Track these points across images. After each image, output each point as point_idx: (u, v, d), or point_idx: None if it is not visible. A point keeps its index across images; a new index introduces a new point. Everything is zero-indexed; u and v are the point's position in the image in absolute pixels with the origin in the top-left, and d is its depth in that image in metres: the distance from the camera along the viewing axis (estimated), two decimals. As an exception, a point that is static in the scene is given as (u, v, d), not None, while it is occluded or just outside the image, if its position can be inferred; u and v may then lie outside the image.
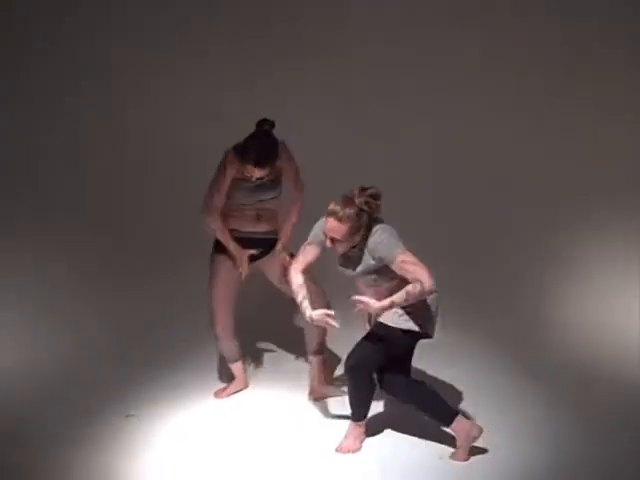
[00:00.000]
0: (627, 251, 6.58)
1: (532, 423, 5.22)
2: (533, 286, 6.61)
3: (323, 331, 5.40)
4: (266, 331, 6.18)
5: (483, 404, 5.37)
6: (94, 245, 6.99)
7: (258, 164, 5.08)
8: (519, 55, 7.18)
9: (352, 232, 4.68)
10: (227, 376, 5.68)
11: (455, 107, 7.22)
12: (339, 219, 4.66)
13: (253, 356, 5.93)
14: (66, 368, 5.77)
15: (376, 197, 4.72)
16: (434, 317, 4.89)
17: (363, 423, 4.99)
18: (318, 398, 5.47)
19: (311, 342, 5.46)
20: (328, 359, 5.55)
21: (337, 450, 4.97)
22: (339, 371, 5.66)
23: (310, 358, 5.50)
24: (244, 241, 5.30)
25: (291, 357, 5.92)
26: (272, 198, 5.34)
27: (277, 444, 5.02)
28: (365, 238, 4.74)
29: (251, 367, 5.80)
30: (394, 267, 4.67)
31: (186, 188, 7.42)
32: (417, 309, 4.79)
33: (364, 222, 4.71)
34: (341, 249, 4.77)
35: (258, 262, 5.40)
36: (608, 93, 6.94)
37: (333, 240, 4.71)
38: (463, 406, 5.36)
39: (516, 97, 7.16)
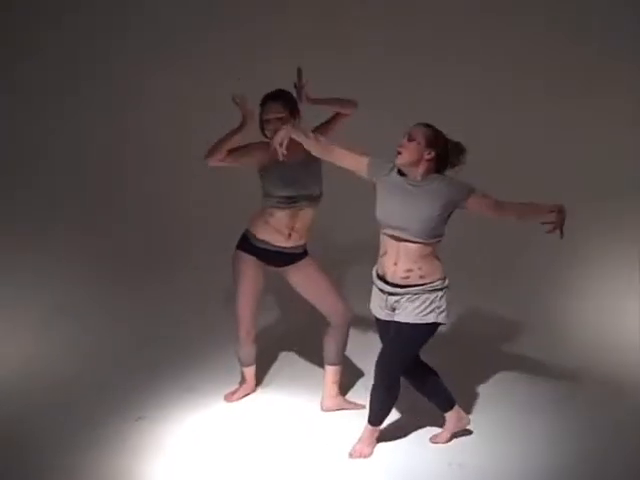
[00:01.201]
0: (628, 252, 6.61)
1: (534, 426, 5.22)
2: (536, 286, 6.63)
3: (343, 342, 5.34)
4: (285, 336, 6.15)
5: (483, 406, 5.39)
6: (95, 245, 7.00)
7: (273, 97, 5.09)
8: (522, 55, 7.21)
9: (428, 142, 4.60)
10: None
11: (457, 107, 7.23)
12: (427, 125, 4.65)
13: (270, 360, 5.86)
14: (74, 370, 5.71)
15: (462, 151, 4.69)
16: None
17: (378, 429, 4.95)
18: (328, 410, 5.38)
19: (329, 351, 5.33)
20: (344, 371, 5.48)
21: (350, 454, 4.94)
22: (355, 384, 5.62)
23: (326, 367, 5.37)
24: (270, 254, 5.22)
25: (308, 364, 5.85)
26: (311, 196, 5.16)
27: (287, 448, 5.00)
28: (427, 173, 4.64)
29: (266, 370, 5.77)
30: (473, 201, 4.62)
31: (187, 188, 7.46)
32: (435, 299, 4.73)
33: (441, 150, 4.64)
34: (407, 156, 4.61)
35: (281, 269, 5.31)
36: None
37: (410, 136, 4.60)
38: (465, 405, 5.38)
39: (521, 97, 7.19)
